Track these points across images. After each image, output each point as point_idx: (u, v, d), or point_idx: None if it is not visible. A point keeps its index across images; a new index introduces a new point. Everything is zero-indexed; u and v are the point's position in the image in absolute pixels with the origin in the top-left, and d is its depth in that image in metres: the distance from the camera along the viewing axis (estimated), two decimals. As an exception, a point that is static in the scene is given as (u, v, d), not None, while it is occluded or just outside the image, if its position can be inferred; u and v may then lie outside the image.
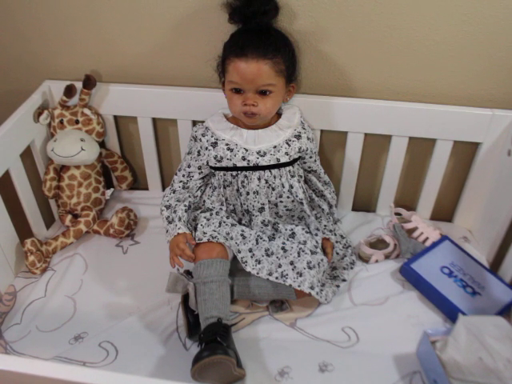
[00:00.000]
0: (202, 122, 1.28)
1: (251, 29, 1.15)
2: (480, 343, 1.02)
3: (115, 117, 1.49)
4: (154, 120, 1.49)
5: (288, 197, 1.25)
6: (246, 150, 1.20)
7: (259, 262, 1.19)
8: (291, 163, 1.23)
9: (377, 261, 1.35)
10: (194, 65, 1.35)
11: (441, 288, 1.21)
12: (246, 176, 1.22)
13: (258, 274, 1.17)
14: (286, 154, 1.21)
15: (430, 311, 1.21)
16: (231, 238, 1.23)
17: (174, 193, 1.28)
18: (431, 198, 1.48)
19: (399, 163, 1.43)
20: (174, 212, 1.24)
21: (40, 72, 1.44)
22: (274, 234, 1.28)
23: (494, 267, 1.35)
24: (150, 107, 1.43)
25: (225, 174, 1.24)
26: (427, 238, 1.38)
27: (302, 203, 1.27)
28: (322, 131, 1.40)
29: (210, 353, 0.98)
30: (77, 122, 1.42)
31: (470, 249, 1.39)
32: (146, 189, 1.64)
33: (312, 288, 1.14)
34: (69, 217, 1.43)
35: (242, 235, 1.25)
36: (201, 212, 1.29)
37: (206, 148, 1.22)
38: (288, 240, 1.25)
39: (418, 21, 1.20)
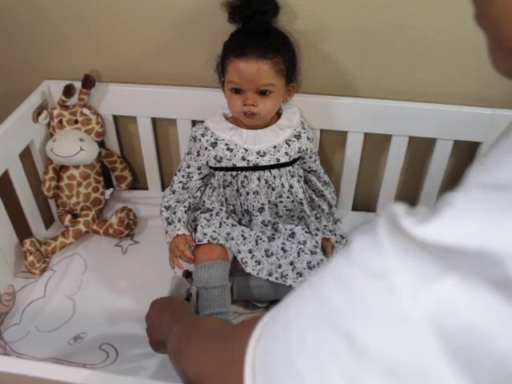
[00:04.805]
0: (202, 121, 1.27)
1: (251, 28, 1.15)
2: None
3: (114, 116, 1.49)
4: (154, 120, 1.48)
5: (288, 197, 1.25)
6: (246, 150, 1.20)
7: (259, 263, 1.19)
8: (291, 163, 1.23)
9: (377, 261, 1.35)
10: (193, 64, 1.35)
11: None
12: (245, 176, 1.22)
13: (257, 274, 1.17)
14: (286, 153, 1.21)
15: (430, 311, 1.21)
16: (232, 239, 1.22)
17: (173, 193, 1.27)
18: (431, 198, 1.48)
19: (399, 163, 1.43)
20: (174, 213, 1.24)
21: (39, 72, 1.44)
22: (273, 234, 1.28)
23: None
24: (149, 107, 1.42)
25: (224, 175, 1.24)
26: (427, 238, 1.38)
27: (301, 203, 1.26)
28: (321, 131, 1.40)
29: (209, 353, 0.99)
30: (76, 121, 1.42)
31: (470, 249, 1.38)
32: (146, 189, 1.63)
33: (312, 288, 1.13)
34: (68, 217, 1.43)
35: (242, 236, 1.25)
36: (200, 212, 1.28)
37: (206, 148, 1.22)
38: (288, 240, 1.25)
39: (418, 20, 1.20)
